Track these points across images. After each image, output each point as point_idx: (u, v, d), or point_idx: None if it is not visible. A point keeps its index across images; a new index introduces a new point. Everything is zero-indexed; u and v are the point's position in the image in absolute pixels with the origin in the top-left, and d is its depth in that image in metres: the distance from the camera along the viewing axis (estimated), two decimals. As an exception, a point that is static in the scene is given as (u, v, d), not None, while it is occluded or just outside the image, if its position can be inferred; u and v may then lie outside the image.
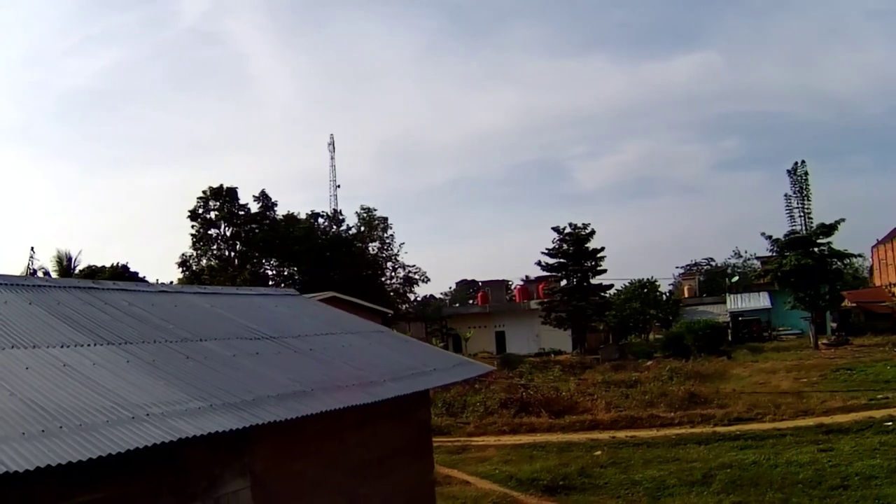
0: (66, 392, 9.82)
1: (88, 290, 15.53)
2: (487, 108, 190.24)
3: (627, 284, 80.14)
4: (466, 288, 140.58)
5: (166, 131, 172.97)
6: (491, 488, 25.35)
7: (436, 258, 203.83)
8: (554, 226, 76.59)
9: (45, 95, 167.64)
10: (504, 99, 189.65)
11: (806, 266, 60.15)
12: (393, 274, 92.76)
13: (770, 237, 65.81)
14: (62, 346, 11.63)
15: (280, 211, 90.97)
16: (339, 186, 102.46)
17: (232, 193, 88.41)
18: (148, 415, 9.74)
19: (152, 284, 17.33)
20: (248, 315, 17.55)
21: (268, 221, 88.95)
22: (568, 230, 75.44)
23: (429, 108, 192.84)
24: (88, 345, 12.10)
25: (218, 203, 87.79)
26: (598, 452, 28.98)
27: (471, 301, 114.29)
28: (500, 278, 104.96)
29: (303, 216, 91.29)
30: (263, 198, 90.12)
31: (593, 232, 74.70)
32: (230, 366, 13.39)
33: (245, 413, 10.88)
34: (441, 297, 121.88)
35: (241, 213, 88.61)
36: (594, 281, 76.05)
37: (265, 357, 14.46)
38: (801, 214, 65.81)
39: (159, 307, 15.88)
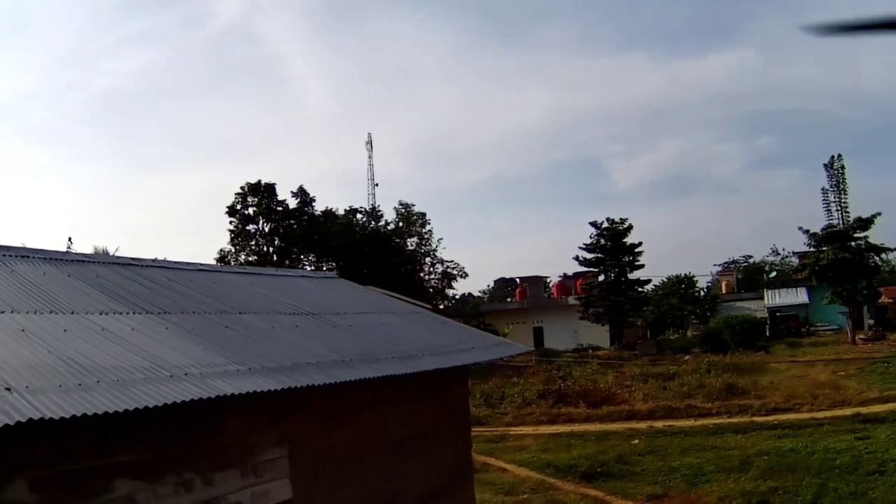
0: (104, 352, 9.79)
1: (127, 265, 15.53)
2: (523, 107, 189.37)
3: (665, 280, 79.73)
4: (504, 286, 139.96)
5: (202, 132, 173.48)
6: (528, 475, 25.28)
7: (473, 257, 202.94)
8: (591, 220, 76.44)
9: (80, 96, 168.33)
10: (540, 98, 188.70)
11: (843, 260, 59.61)
12: (431, 269, 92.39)
13: (807, 231, 65.34)
14: (101, 313, 11.61)
15: (318, 207, 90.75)
16: (377, 185, 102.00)
17: (270, 189, 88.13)
18: (186, 374, 9.70)
19: (191, 263, 17.16)
20: (288, 293, 17.53)
21: (306, 217, 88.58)
22: (605, 225, 75.03)
23: (465, 107, 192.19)
24: (127, 313, 12.08)
25: (256, 199, 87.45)
26: (636, 441, 28.83)
27: (508, 299, 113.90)
28: (538, 275, 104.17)
29: (341, 212, 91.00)
30: (302, 193, 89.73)
31: (630, 227, 74.16)
32: (269, 336, 13.37)
33: (283, 377, 10.83)
34: (479, 295, 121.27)
35: (280, 208, 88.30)
36: (632, 276, 75.57)
37: (304, 330, 14.43)
38: (838, 209, 65.45)
39: (198, 283, 15.87)
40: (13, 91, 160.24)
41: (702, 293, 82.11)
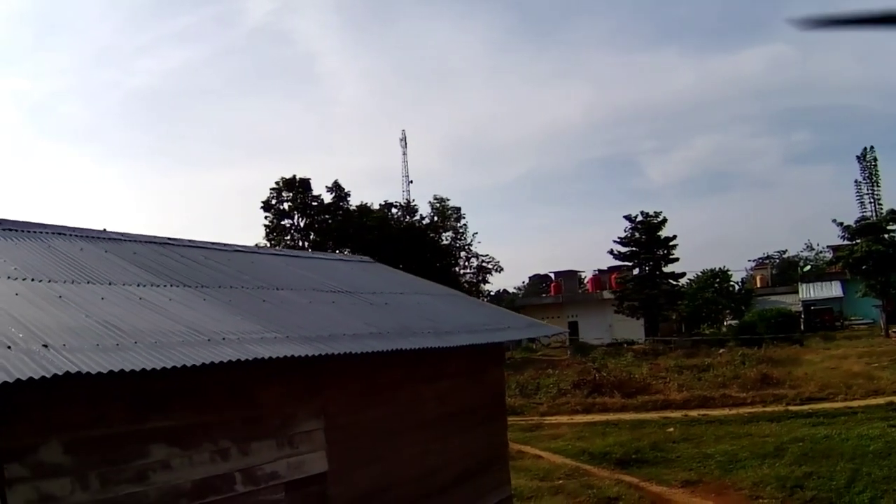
0: (141, 318, 9.78)
1: (164, 244, 15.58)
2: (558, 104, 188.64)
3: (699, 274, 79.16)
4: (539, 282, 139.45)
5: (236, 130, 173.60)
6: (563, 462, 25.18)
7: (508, 255, 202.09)
8: (626, 214, 76.08)
9: (115, 95, 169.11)
10: (574, 94, 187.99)
11: (877, 253, 58.95)
12: (466, 263, 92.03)
13: (841, 224, 64.70)
14: (138, 285, 11.62)
15: (353, 202, 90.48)
16: (411, 182, 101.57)
17: (305, 184, 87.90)
18: (224, 339, 9.66)
19: (228, 244, 17.18)
20: (324, 273, 17.52)
21: (341, 212, 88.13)
22: (640, 218, 74.61)
23: (500, 104, 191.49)
24: (164, 285, 12.09)
25: (291, 194, 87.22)
26: (671, 429, 28.66)
27: (543, 294, 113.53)
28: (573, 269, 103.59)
29: (376, 206, 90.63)
30: (336, 188, 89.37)
31: (665, 220, 73.59)
32: (306, 310, 13.37)
33: (320, 345, 10.76)
34: (514, 291, 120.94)
35: (315, 203, 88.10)
36: (666, 269, 75.17)
37: (340, 306, 14.38)
38: (871, 200, 65.02)
39: (235, 262, 15.89)
40: (48, 90, 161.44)
41: (736, 287, 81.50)
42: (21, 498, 7.64)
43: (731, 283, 79.93)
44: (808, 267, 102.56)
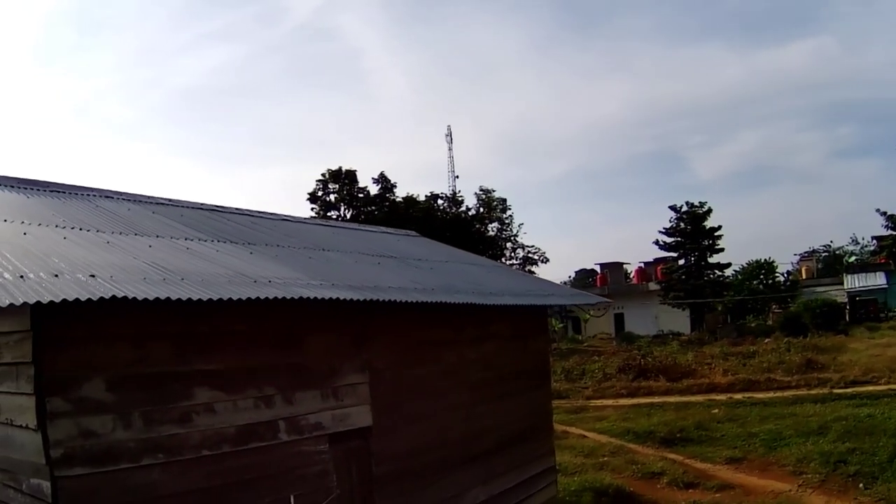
0: (188, 263, 9.78)
1: (212, 210, 15.63)
2: (604, 99, 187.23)
3: (745, 265, 78.36)
4: (585, 277, 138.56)
5: (281, 127, 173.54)
6: (608, 440, 24.97)
7: (554, 250, 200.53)
8: (671, 204, 75.44)
9: (158, 93, 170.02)
10: (621, 89, 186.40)
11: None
12: (512, 254, 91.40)
13: (884, 213, 63.93)
14: (185, 239, 11.60)
15: (399, 194, 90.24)
16: (457, 177, 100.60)
17: (351, 176, 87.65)
18: (269, 282, 9.61)
19: (275, 213, 17.18)
20: (370, 241, 17.55)
21: (387, 203, 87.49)
22: (685, 209, 73.93)
23: (546, 99, 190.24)
24: (211, 241, 12.06)
25: (337, 185, 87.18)
26: (716, 410, 28.30)
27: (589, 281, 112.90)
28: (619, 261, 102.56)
29: (422, 198, 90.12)
30: (382, 180, 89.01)
31: (710, 210, 72.74)
32: (352, 267, 13.34)
33: (366, 293, 10.64)
34: (562, 284, 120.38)
35: (361, 195, 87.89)
36: (712, 260, 74.46)
37: (386, 267, 14.33)
38: (916, 189, 64.20)
39: (282, 228, 15.88)
40: (91, 89, 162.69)
41: (782, 277, 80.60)
42: (62, 432, 7.61)
43: (777, 274, 79.07)
44: (854, 258, 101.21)
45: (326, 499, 10.50)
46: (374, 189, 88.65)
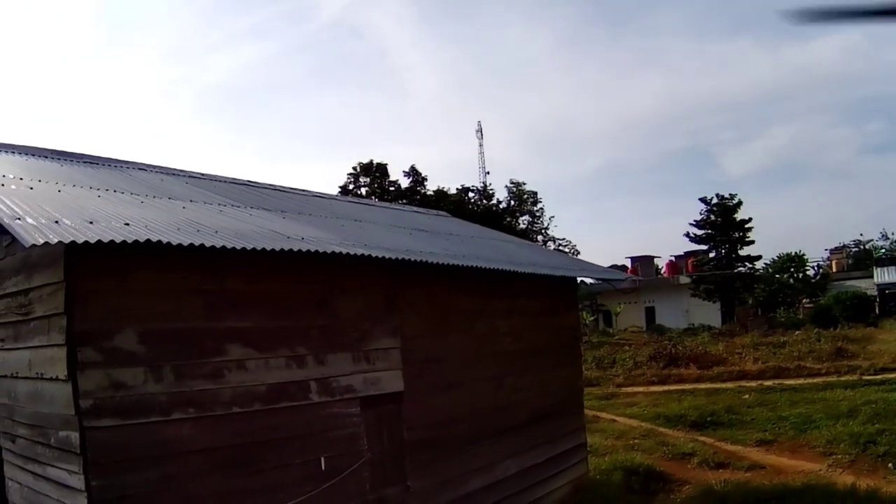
0: (222, 221, 9.77)
1: (246, 184, 15.66)
2: (635, 95, 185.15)
3: (776, 259, 77.70)
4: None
5: (311, 124, 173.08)
6: (638, 424, 24.73)
7: (585, 245, 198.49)
8: (701, 196, 74.96)
9: (188, 91, 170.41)
10: (651, 85, 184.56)
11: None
12: (543, 247, 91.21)
13: (914, 204, 63.42)
14: (219, 205, 11.57)
15: (430, 187, 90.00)
16: (488, 173, 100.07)
17: (382, 169, 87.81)
18: (303, 239, 9.55)
19: (307, 190, 17.20)
20: (401, 217, 17.55)
21: (418, 196, 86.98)
22: (715, 201, 73.38)
23: (576, 95, 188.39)
24: (244, 207, 12.05)
25: (368, 179, 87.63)
26: (746, 396, 28.01)
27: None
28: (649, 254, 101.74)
29: (453, 191, 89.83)
30: (413, 173, 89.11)
31: (740, 202, 72.17)
32: (384, 235, 13.25)
33: (398, 253, 10.52)
34: (593, 281, 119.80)
35: (392, 188, 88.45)
36: (742, 253, 73.87)
37: (418, 237, 14.32)
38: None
39: (314, 202, 15.90)
40: (123, 86, 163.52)
41: (813, 270, 79.92)
42: (92, 383, 7.56)
43: (807, 267, 78.42)
44: (883, 251, 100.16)
45: (357, 462, 10.41)
46: (405, 182, 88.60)
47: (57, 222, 7.18)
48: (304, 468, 9.63)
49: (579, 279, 19.36)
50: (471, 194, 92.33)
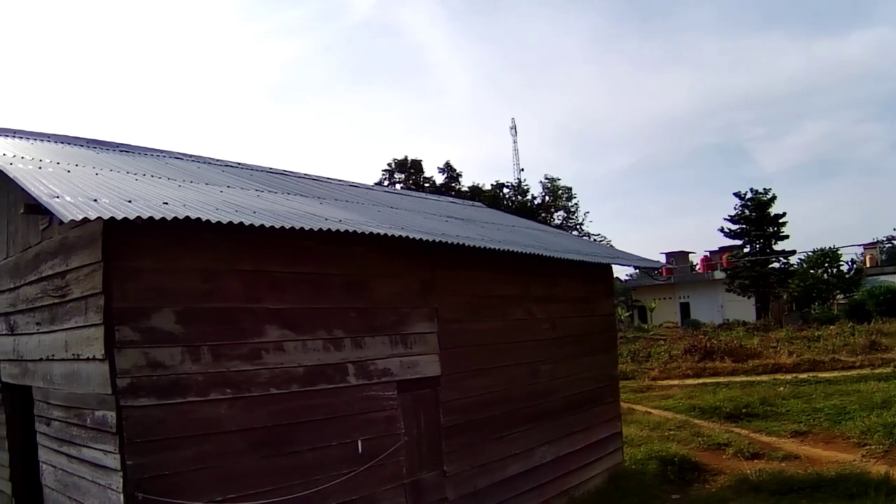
0: (260, 203, 9.67)
1: (282, 173, 15.69)
2: (667, 91, 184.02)
3: (810, 254, 76.99)
4: (652, 271, 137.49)
5: (346, 122, 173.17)
6: (673, 416, 24.51)
7: (619, 241, 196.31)
8: (735, 191, 74.43)
9: (222, 91, 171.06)
10: (683, 81, 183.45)
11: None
12: (579, 237, 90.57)
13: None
14: (256, 191, 11.49)
15: (464, 184, 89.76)
16: (522, 170, 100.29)
17: (417, 165, 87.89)
18: (340, 221, 9.45)
19: (342, 179, 17.15)
20: (436, 206, 17.49)
21: (453, 192, 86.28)
22: (749, 195, 72.84)
23: (608, 92, 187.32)
24: (280, 193, 12.00)
25: (403, 175, 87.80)
26: (781, 388, 27.71)
27: (655, 274, 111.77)
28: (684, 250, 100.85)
29: (487, 187, 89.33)
30: (448, 169, 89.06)
31: (774, 197, 71.47)
32: (420, 220, 13.15)
33: (434, 236, 10.44)
34: (627, 278, 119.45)
35: (427, 184, 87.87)
36: (776, 247, 73.30)
37: (453, 224, 14.18)
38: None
39: (351, 191, 15.85)
40: (159, 84, 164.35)
41: (847, 266, 79.15)
42: (129, 362, 7.45)
43: (841, 262, 77.64)
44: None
45: (393, 445, 10.31)
46: (439, 179, 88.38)
47: (95, 200, 7.09)
48: (341, 450, 9.53)
49: (614, 275, 19.22)
50: (505, 190, 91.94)
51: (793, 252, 74.01)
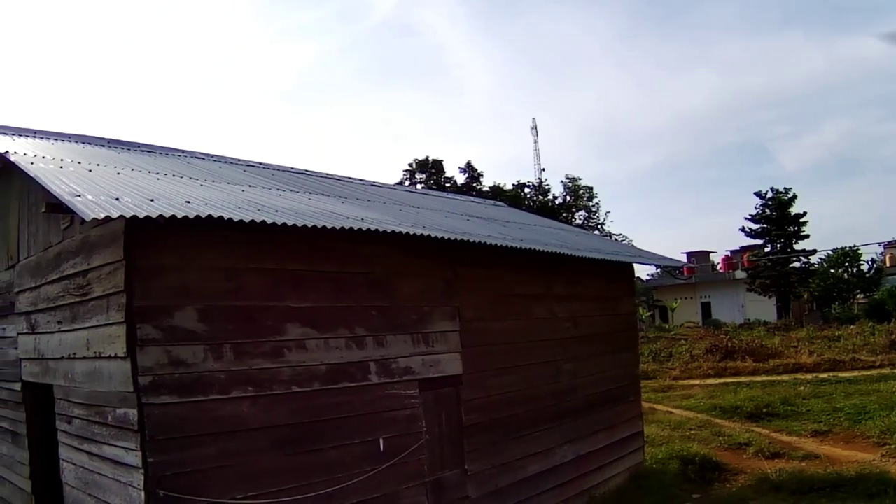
0: (282, 203, 9.64)
1: (304, 173, 15.69)
2: (688, 90, 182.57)
3: (830, 254, 76.56)
4: (673, 270, 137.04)
5: (367, 123, 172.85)
6: (694, 416, 24.42)
7: (640, 241, 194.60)
8: (756, 190, 74.13)
9: (241, 92, 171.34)
10: (705, 79, 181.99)
11: None
12: (600, 236, 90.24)
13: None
14: (277, 190, 11.46)
15: (485, 183, 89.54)
16: (543, 170, 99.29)
17: (438, 165, 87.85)
18: (362, 219, 9.42)
19: (365, 179, 17.16)
20: (458, 205, 17.43)
21: (474, 192, 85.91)
22: (770, 195, 72.48)
23: (630, 91, 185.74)
24: (303, 192, 11.99)
25: (424, 175, 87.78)
26: (802, 388, 27.55)
27: (676, 273, 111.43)
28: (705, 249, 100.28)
29: (508, 187, 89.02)
30: (469, 169, 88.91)
31: (795, 196, 71.17)
32: (441, 219, 13.09)
33: (455, 234, 10.40)
34: (648, 277, 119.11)
35: (448, 184, 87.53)
36: (797, 247, 72.89)
37: (475, 222, 14.16)
38: None
39: (372, 190, 15.84)
40: (176, 86, 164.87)
41: (867, 265, 78.67)
42: (151, 359, 7.41)
43: (861, 262, 77.18)
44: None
45: (415, 443, 10.25)
46: (460, 179, 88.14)
47: (117, 199, 7.08)
48: (363, 448, 9.48)
49: (636, 274, 19.13)
50: (527, 190, 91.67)
51: (813, 251, 73.63)
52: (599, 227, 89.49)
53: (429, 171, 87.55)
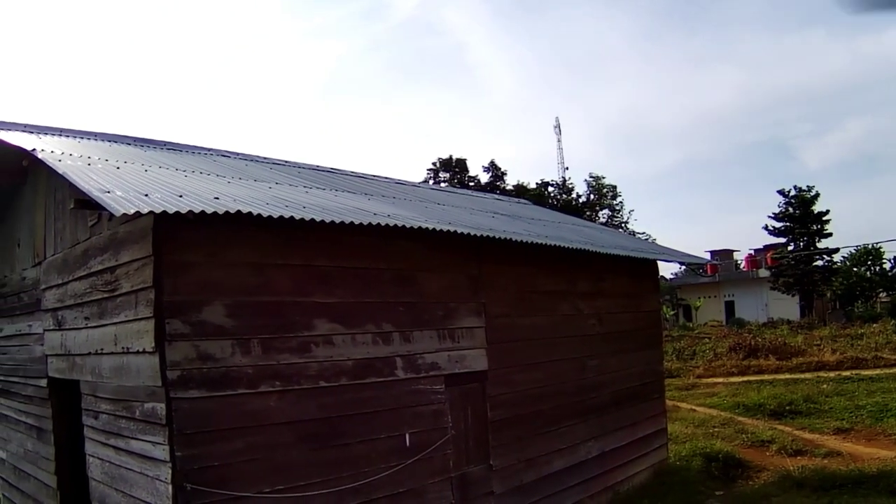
0: (309, 199, 9.65)
1: (329, 171, 15.66)
2: (712, 88, 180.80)
3: (853, 252, 76.02)
4: (696, 268, 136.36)
5: (390, 122, 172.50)
6: (718, 413, 24.29)
7: (664, 239, 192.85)
8: (779, 189, 73.69)
9: (264, 92, 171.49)
10: (728, 77, 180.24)
11: None
12: (624, 233, 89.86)
13: None
14: (304, 188, 11.45)
15: (509, 182, 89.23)
16: (566, 168, 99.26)
17: (462, 164, 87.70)
18: (389, 215, 9.34)
19: (388, 177, 17.13)
20: (483, 203, 17.38)
21: (498, 191, 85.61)
22: (793, 193, 72.01)
23: (652, 89, 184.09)
24: (329, 190, 11.99)
25: (448, 174, 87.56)
26: (824, 386, 27.39)
27: (700, 271, 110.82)
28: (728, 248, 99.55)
29: (532, 186, 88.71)
30: (493, 168, 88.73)
31: (818, 194, 70.52)
32: (466, 216, 12.99)
33: (480, 231, 10.25)
34: (671, 276, 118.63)
35: (472, 183, 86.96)
36: (820, 245, 72.39)
37: (500, 219, 14.13)
38: None
39: (397, 188, 15.80)
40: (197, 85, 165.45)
41: (889, 265, 78.11)
42: (180, 354, 7.40)
43: (884, 260, 76.64)
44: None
45: (441, 439, 10.19)
46: (484, 178, 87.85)
47: (146, 195, 7.07)
48: (389, 443, 9.45)
49: (660, 273, 19.05)
50: (550, 188, 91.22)
51: (836, 250, 72.97)
52: (623, 225, 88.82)
53: (453, 170, 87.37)
